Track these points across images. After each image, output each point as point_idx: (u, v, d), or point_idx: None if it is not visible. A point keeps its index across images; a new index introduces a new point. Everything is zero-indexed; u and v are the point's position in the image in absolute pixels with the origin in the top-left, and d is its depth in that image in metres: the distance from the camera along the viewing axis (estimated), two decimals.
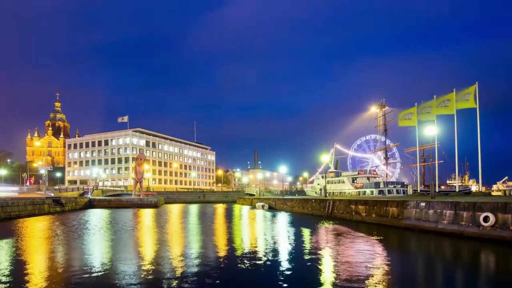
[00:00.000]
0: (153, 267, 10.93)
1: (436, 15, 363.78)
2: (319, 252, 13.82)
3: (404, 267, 11.75)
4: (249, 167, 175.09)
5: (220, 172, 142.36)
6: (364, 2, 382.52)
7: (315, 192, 60.78)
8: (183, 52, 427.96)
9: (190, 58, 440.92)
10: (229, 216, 35.43)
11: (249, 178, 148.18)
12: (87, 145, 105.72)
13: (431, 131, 30.63)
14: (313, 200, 35.81)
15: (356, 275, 9.64)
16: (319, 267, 11.13)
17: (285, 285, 8.88)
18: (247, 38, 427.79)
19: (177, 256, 13.27)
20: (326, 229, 22.41)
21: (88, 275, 9.87)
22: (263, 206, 46.13)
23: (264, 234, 20.77)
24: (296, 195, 78.88)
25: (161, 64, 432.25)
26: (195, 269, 10.68)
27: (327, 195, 47.43)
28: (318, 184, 61.30)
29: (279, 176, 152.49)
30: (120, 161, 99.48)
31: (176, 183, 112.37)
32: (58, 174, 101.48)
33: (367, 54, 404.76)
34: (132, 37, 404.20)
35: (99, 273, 10.14)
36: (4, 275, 9.90)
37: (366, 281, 8.94)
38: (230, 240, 17.75)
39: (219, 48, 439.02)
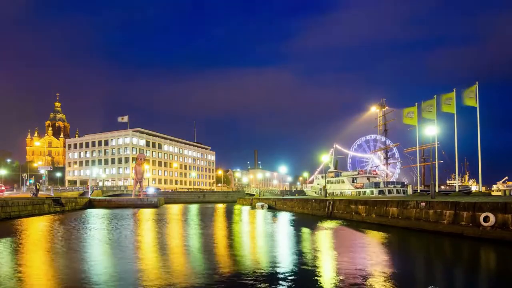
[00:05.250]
0: (153, 269, 10.92)
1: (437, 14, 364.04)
2: (319, 252, 13.82)
3: (404, 267, 11.73)
4: (249, 167, 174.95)
5: (220, 172, 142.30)
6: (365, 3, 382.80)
7: (315, 192, 60.71)
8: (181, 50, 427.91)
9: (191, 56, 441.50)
10: (229, 216, 35.41)
11: (249, 178, 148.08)
12: (87, 145, 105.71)
13: (431, 131, 30.62)
14: (313, 200, 35.78)
15: (356, 275, 9.63)
16: (319, 267, 11.13)
17: (285, 285, 8.87)
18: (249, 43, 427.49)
19: (177, 257, 13.27)
20: (326, 229, 22.39)
21: (87, 276, 9.86)
22: (262, 206, 46.04)
23: (264, 234, 20.78)
24: (296, 195, 78.88)
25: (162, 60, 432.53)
26: (195, 270, 10.67)
27: (327, 195, 47.42)
28: (318, 184, 61.25)
29: (279, 176, 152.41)
30: (120, 161, 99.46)
31: (176, 183, 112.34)
32: (58, 174, 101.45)
33: (367, 53, 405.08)
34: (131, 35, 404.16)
35: (99, 274, 10.13)
36: (3, 275, 9.88)
37: (366, 282, 8.93)
38: (231, 241, 17.74)
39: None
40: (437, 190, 33.06)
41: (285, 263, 11.53)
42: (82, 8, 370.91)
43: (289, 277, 9.63)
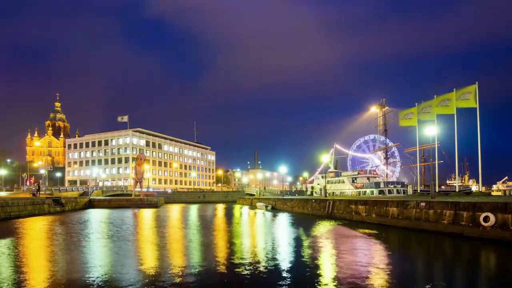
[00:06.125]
0: (153, 270, 10.93)
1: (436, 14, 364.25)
2: (319, 252, 13.82)
3: (404, 267, 11.73)
4: (249, 167, 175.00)
5: (220, 172, 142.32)
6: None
7: (315, 192, 60.72)
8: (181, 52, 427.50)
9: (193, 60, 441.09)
10: (229, 216, 35.42)
11: (249, 178, 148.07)
12: (87, 145, 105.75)
13: (431, 131, 30.62)
14: (313, 200, 35.78)
15: (356, 275, 9.63)
16: (319, 267, 11.13)
17: (285, 285, 8.87)
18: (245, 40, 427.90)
19: (178, 257, 13.27)
20: (326, 229, 22.39)
21: (87, 276, 9.86)
22: (266, 207, 45.75)
23: (264, 234, 20.78)
24: (296, 195, 78.84)
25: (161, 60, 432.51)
26: (195, 270, 10.66)
27: (327, 195, 47.41)
28: (318, 184, 61.24)
29: (279, 176, 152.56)
30: (120, 161, 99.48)
31: (176, 183, 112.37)
32: (58, 174, 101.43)
33: (367, 52, 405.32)
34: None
35: (99, 274, 10.13)
36: (3, 275, 9.89)
37: (366, 282, 8.93)
38: (231, 241, 17.74)
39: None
40: (437, 190, 33.05)
41: (285, 263, 11.52)
42: (82, 8, 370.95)
43: (289, 277, 9.63)
